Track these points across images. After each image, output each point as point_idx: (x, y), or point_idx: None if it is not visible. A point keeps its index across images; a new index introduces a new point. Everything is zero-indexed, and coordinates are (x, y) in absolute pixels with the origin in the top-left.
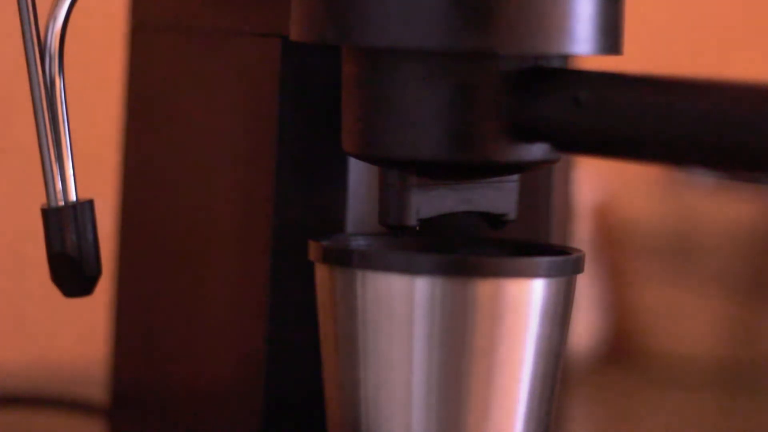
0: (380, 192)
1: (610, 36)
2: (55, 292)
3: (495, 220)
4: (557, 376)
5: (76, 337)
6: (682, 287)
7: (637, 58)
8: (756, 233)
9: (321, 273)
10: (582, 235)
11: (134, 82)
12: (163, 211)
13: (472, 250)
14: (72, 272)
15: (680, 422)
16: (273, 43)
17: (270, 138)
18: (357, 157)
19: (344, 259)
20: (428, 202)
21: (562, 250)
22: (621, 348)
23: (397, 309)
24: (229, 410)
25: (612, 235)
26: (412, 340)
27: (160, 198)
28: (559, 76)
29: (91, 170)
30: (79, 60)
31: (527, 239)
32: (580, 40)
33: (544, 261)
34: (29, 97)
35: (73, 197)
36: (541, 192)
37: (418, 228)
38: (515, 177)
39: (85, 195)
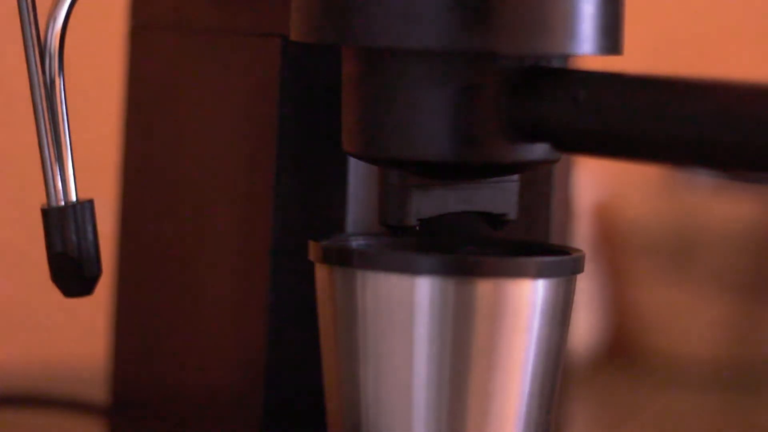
0: (380, 192)
1: (611, 36)
2: (55, 292)
3: (495, 220)
4: (557, 376)
5: (76, 337)
6: (682, 287)
7: (637, 58)
8: (756, 233)
9: (321, 273)
10: (582, 235)
11: (134, 82)
12: (163, 211)
13: (472, 250)
14: (72, 272)
15: (680, 422)
16: (273, 43)
17: (270, 138)
18: (357, 157)
19: (344, 259)
20: (428, 202)
21: (562, 250)
22: (621, 348)
23: (397, 309)
24: (229, 410)
25: (612, 235)
26: (411, 340)
27: (160, 198)
28: (559, 76)
29: (91, 170)
30: (79, 60)
31: (527, 239)
32: (580, 40)
33: (544, 261)
34: (29, 97)
35: (73, 197)
36: (541, 192)
37: (418, 228)
38: (515, 177)
39: (85, 195)
